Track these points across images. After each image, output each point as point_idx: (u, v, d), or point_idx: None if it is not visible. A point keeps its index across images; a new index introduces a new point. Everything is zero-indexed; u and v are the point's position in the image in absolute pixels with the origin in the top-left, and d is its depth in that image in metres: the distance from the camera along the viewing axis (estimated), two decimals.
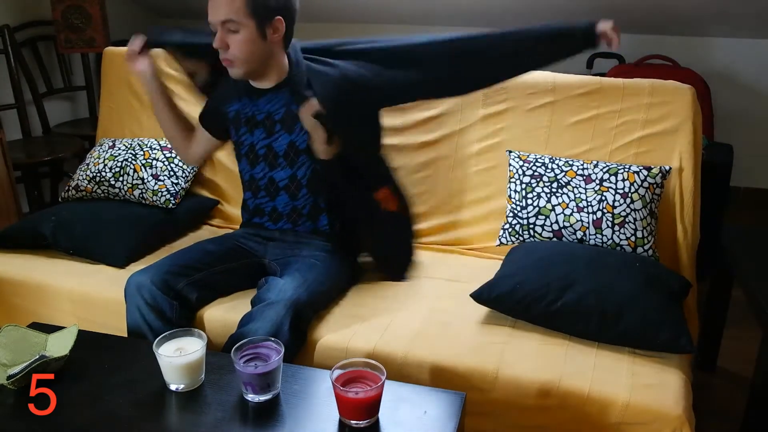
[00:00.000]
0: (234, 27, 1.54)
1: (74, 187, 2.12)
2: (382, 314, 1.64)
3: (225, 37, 1.55)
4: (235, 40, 1.55)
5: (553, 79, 1.93)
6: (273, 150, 1.72)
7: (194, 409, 1.23)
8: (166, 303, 1.58)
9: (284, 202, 1.76)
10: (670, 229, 1.82)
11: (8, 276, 1.86)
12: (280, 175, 1.74)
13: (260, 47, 1.58)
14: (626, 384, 1.39)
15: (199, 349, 1.27)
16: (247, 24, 1.53)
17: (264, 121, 1.72)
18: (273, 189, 1.76)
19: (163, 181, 2.07)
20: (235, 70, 1.61)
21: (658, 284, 1.56)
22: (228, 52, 1.57)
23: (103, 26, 3.11)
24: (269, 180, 1.75)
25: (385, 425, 1.18)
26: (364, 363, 1.21)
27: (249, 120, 1.74)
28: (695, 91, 1.82)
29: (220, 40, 1.56)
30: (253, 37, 1.55)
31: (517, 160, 1.88)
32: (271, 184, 1.75)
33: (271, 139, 1.72)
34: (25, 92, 3.10)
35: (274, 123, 1.71)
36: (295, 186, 1.74)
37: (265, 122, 1.72)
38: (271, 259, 1.75)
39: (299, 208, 1.76)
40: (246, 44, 1.55)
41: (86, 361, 1.35)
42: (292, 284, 1.56)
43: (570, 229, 1.75)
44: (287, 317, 1.47)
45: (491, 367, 1.45)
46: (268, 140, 1.72)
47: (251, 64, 1.60)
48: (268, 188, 1.76)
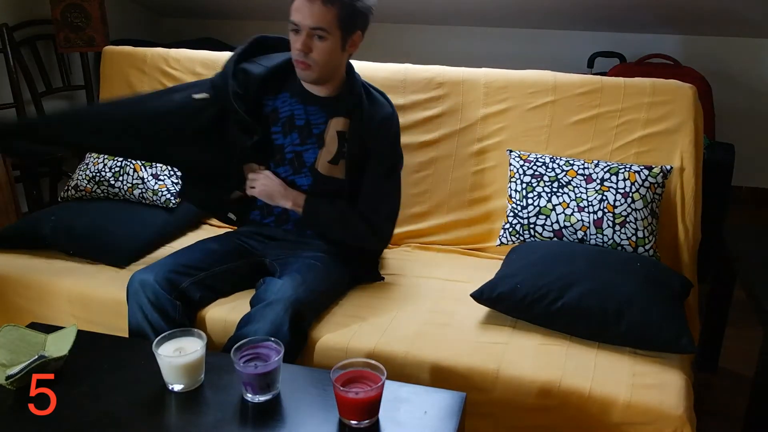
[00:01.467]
0: (322, 34, 1.59)
1: (74, 186, 2.12)
2: (382, 314, 1.64)
3: (310, 42, 1.60)
4: (320, 47, 1.61)
5: (554, 78, 1.93)
6: (301, 158, 1.75)
7: (194, 409, 1.23)
8: (170, 303, 1.57)
9: None
10: (671, 228, 1.82)
11: (7, 276, 1.86)
12: (302, 181, 1.76)
13: (338, 57, 1.65)
14: (627, 384, 1.38)
15: (198, 350, 1.27)
16: (335, 34, 1.60)
17: (302, 128, 1.74)
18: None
19: (163, 180, 2.07)
20: (308, 73, 1.65)
21: (659, 284, 1.55)
22: (309, 57, 1.62)
23: (102, 25, 3.10)
24: (290, 183, 1.76)
25: (385, 425, 1.17)
26: (364, 363, 1.20)
27: (287, 121, 1.74)
28: (696, 90, 1.82)
29: (304, 44, 1.60)
30: (336, 47, 1.62)
31: (518, 160, 1.88)
32: (292, 186, 1.76)
33: (302, 148, 1.74)
34: (24, 91, 3.09)
35: (310, 134, 1.73)
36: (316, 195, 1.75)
37: (303, 129, 1.74)
38: (271, 259, 1.75)
39: None
40: (329, 53, 1.62)
41: (86, 361, 1.35)
42: (291, 284, 1.56)
43: (571, 228, 1.75)
44: (286, 317, 1.47)
45: (492, 367, 1.44)
46: (300, 148, 1.74)
47: (325, 71, 1.66)
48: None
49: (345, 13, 1.58)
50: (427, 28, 3.67)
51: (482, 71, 1.99)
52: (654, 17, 3.18)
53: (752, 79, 3.32)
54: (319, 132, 1.73)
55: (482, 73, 1.99)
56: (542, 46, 3.51)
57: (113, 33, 3.27)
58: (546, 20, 3.39)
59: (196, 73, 2.21)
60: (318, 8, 1.56)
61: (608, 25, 3.36)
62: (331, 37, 1.60)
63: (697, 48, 3.28)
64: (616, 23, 3.34)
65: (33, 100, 3.14)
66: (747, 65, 3.30)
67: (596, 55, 3.29)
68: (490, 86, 1.96)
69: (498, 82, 1.97)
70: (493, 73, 1.98)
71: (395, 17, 3.59)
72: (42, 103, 3.17)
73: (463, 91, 1.98)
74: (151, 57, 2.28)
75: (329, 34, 1.59)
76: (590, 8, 3.15)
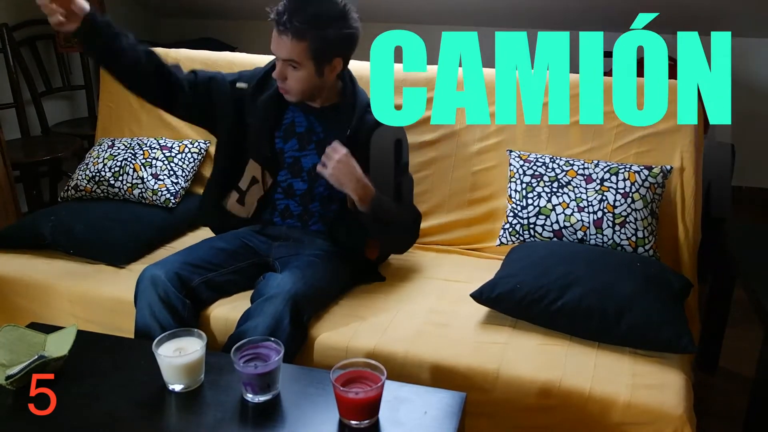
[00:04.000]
0: (294, 65, 1.62)
1: (73, 186, 2.12)
2: (382, 314, 1.64)
3: (285, 71, 1.64)
4: (294, 76, 1.64)
5: None
6: (299, 163, 1.76)
7: (194, 409, 1.23)
8: (180, 301, 1.57)
9: (296, 204, 1.79)
10: (671, 229, 1.82)
11: (7, 276, 1.86)
12: (300, 185, 1.77)
13: (315, 82, 1.66)
14: (627, 384, 1.38)
15: (198, 350, 1.27)
16: (307, 65, 1.62)
17: (302, 135, 1.76)
18: (290, 192, 1.79)
19: (162, 180, 2.07)
20: (288, 96, 1.70)
21: (659, 284, 1.55)
22: (285, 83, 1.66)
23: None
24: (289, 185, 1.78)
25: (385, 425, 1.17)
26: (364, 363, 1.20)
27: (288, 127, 1.76)
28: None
29: (280, 72, 1.65)
30: (311, 75, 1.64)
31: (518, 160, 1.88)
32: (290, 188, 1.78)
33: (300, 154, 1.76)
34: (24, 91, 3.09)
35: (310, 141, 1.76)
36: (310, 197, 1.78)
37: (302, 136, 1.76)
38: (275, 258, 1.75)
39: (311, 211, 1.78)
40: (303, 81, 1.65)
41: (86, 361, 1.35)
42: (290, 278, 1.56)
43: (570, 229, 1.75)
44: (287, 311, 1.47)
45: (492, 367, 1.44)
46: (298, 153, 1.76)
47: (305, 95, 1.69)
48: (287, 191, 1.79)
49: (316, 46, 1.59)
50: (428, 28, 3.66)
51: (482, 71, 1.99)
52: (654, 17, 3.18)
53: (752, 79, 3.32)
54: (318, 139, 1.75)
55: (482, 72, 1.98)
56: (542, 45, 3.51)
57: None
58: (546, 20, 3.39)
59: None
60: (288, 42, 1.58)
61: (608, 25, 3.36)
62: (303, 68, 1.62)
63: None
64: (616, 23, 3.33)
65: (33, 100, 3.14)
66: (747, 65, 3.30)
67: None
68: (490, 86, 1.96)
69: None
70: (493, 72, 1.98)
71: (396, 17, 3.59)
72: (42, 103, 3.17)
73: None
74: None
75: (301, 65, 1.61)
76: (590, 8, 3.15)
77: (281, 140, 1.77)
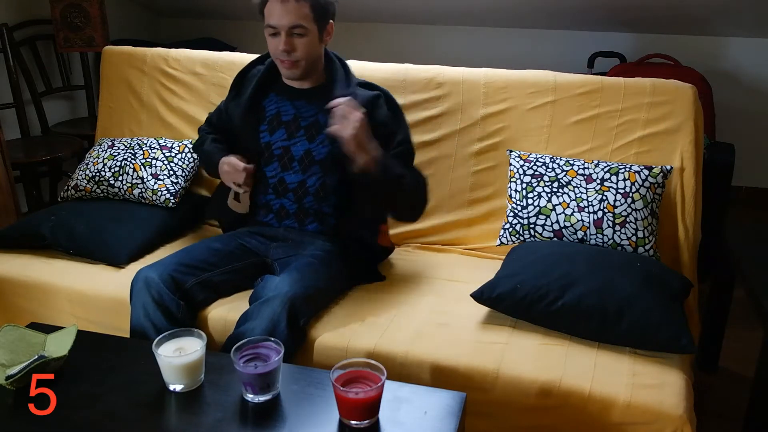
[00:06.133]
0: (301, 31, 1.65)
1: (73, 186, 2.12)
2: (382, 314, 1.64)
3: (291, 41, 1.66)
4: (301, 44, 1.67)
5: (554, 78, 1.93)
6: (290, 153, 1.76)
7: (194, 409, 1.23)
8: (173, 302, 1.57)
9: (290, 201, 1.78)
10: (671, 228, 1.82)
11: (7, 276, 1.86)
12: (291, 178, 1.77)
13: (318, 49, 1.72)
14: (627, 384, 1.38)
15: (198, 350, 1.27)
16: (312, 29, 1.66)
17: (289, 123, 1.77)
18: (282, 189, 1.78)
19: (162, 180, 2.07)
20: (294, 71, 1.71)
21: (659, 284, 1.55)
22: (293, 54, 1.68)
23: (102, 25, 3.10)
24: (279, 180, 1.77)
25: (385, 425, 1.17)
26: (364, 363, 1.20)
27: (273, 119, 1.78)
28: (696, 90, 1.82)
29: (287, 43, 1.66)
30: (315, 41, 1.69)
31: (518, 160, 1.88)
32: (281, 184, 1.77)
33: (290, 143, 1.76)
34: (24, 91, 3.10)
35: (298, 128, 1.76)
36: (303, 192, 1.77)
37: (289, 124, 1.77)
38: (273, 259, 1.75)
39: (306, 209, 1.78)
40: (310, 47, 1.68)
41: (86, 361, 1.35)
42: (288, 281, 1.56)
43: (571, 228, 1.75)
44: (284, 313, 1.47)
45: (492, 367, 1.44)
46: (287, 143, 1.77)
47: (309, 65, 1.72)
48: (277, 188, 1.78)
49: (317, 7, 1.64)
50: (428, 28, 3.67)
51: (482, 71, 1.99)
52: (653, 17, 3.18)
53: (752, 78, 3.32)
54: (307, 124, 1.75)
55: (482, 73, 1.99)
56: (542, 46, 3.51)
57: (113, 33, 3.27)
58: (546, 20, 3.39)
59: (196, 73, 2.21)
60: (292, 6, 1.62)
61: (608, 25, 3.36)
62: (309, 32, 1.66)
63: (697, 48, 3.28)
64: (616, 23, 3.34)
65: (33, 100, 3.14)
66: (747, 65, 3.30)
67: (596, 55, 3.29)
68: (490, 86, 1.96)
69: (498, 82, 1.96)
70: (493, 73, 1.98)
71: (395, 17, 3.60)
72: (42, 103, 3.17)
73: (463, 91, 1.98)
74: (151, 57, 2.28)
75: (307, 30, 1.65)
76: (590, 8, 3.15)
77: (267, 133, 1.78)
